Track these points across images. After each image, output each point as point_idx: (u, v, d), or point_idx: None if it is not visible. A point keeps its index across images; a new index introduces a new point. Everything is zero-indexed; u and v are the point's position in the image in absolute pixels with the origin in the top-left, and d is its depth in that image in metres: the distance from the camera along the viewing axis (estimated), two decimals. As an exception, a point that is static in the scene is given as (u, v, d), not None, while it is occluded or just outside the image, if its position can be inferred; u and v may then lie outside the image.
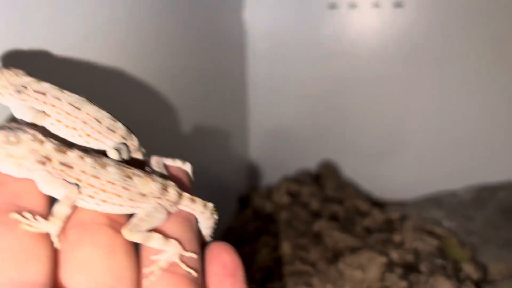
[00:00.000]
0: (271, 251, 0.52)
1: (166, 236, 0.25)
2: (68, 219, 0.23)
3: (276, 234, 0.55)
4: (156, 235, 0.25)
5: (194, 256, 0.25)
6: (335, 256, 0.50)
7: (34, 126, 0.25)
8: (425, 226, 0.57)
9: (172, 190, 0.26)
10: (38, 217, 0.22)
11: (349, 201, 0.62)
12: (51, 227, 0.22)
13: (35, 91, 0.25)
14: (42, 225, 0.22)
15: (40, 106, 0.25)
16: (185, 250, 0.25)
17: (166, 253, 0.25)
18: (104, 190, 0.24)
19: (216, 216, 0.28)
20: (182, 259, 0.25)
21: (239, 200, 0.65)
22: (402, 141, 0.75)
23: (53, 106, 0.26)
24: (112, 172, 0.24)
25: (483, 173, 0.72)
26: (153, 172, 0.28)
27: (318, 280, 0.46)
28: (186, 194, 0.27)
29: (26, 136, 0.22)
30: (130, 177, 0.25)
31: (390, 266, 0.48)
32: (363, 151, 0.75)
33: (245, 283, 0.26)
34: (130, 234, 0.24)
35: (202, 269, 0.26)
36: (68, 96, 0.26)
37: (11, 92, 0.25)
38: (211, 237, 0.29)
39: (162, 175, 0.28)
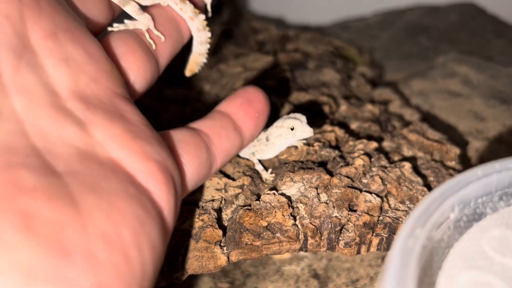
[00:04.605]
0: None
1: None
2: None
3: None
4: (133, 3, 0.27)
5: (162, 38, 0.28)
6: (218, 61, 0.46)
7: None
8: (322, 38, 0.54)
9: None
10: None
11: (245, 23, 0.57)
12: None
13: None
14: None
15: None
16: (157, 29, 0.27)
17: (136, 22, 0.27)
18: None
19: (208, 32, 0.30)
20: (150, 34, 0.27)
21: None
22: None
23: None
24: None
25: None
26: None
27: (197, 82, 0.42)
28: None
29: None
30: None
31: (276, 64, 0.44)
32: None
33: (263, 119, 0.29)
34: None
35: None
36: None
37: None
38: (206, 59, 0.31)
39: None
